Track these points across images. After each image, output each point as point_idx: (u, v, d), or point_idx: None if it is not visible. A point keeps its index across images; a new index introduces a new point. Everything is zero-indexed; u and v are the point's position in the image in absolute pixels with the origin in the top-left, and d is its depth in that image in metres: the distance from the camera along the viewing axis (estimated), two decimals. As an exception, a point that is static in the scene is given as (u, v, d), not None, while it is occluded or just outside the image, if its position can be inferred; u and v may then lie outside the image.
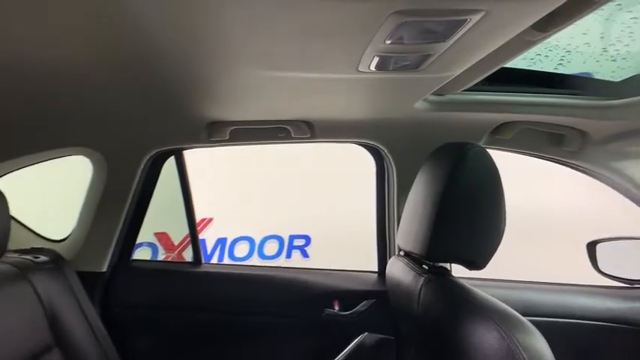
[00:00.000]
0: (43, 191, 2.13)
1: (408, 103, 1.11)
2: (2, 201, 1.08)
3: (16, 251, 1.30)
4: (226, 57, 0.81)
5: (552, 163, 1.46)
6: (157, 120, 1.24)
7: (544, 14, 0.62)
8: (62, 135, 1.29)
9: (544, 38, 0.72)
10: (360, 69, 0.80)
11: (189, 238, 2.66)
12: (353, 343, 1.48)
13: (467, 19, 0.60)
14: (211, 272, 1.55)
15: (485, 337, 0.74)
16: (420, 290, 0.94)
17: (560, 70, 1.11)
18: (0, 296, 1.08)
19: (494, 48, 0.71)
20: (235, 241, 3.02)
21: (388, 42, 0.68)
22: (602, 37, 1.10)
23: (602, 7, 0.63)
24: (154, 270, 1.58)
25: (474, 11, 0.59)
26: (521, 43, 0.73)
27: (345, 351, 1.47)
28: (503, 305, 0.79)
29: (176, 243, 2.83)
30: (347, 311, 1.48)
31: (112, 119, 1.23)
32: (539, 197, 2.70)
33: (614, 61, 1.13)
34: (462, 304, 0.82)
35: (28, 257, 1.26)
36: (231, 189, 2.91)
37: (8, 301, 1.09)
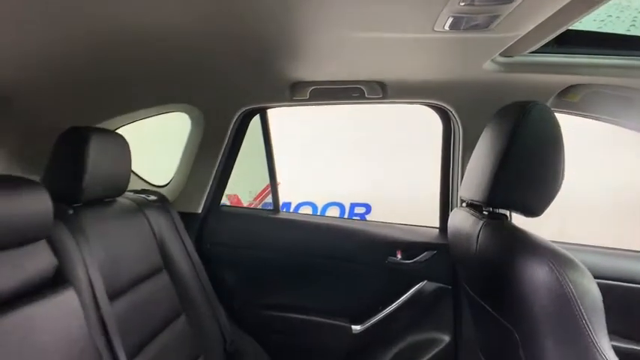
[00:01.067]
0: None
1: (476, 64, 1.19)
2: (126, 147, 1.32)
3: (130, 191, 1.57)
4: (313, 18, 0.94)
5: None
6: (248, 80, 1.42)
7: None
8: (170, 93, 1.51)
9: None
10: (435, 29, 0.91)
11: (256, 201, 2.89)
12: (412, 289, 1.62)
13: None
14: (287, 219, 1.75)
15: (537, 271, 0.83)
16: (479, 233, 1.05)
17: (633, 32, 1.12)
18: (124, 224, 1.33)
19: (561, 6, 0.79)
20: (299, 205, 3.24)
21: (462, 4, 0.78)
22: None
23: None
24: (239, 214, 1.81)
25: None
26: (588, 2, 0.80)
27: (404, 296, 1.62)
28: (557, 246, 0.87)
29: (245, 204, 3.10)
30: (409, 260, 1.61)
31: (210, 80, 1.42)
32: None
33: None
34: (517, 244, 0.91)
35: (142, 196, 1.52)
36: (296, 155, 3.09)
37: (130, 229, 1.34)
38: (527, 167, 0.95)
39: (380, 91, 1.41)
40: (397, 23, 0.92)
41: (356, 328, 1.63)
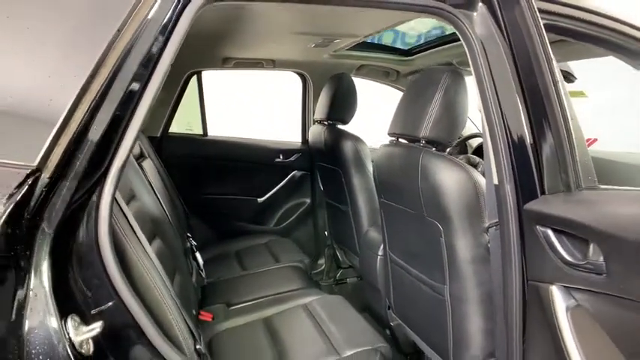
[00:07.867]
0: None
1: (321, 55, 2.49)
2: None
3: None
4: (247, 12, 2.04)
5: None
6: (196, 54, 2.43)
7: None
8: None
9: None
10: (307, 46, 2.15)
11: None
12: (289, 176, 2.91)
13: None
14: (213, 139, 2.83)
15: (346, 144, 2.19)
16: (324, 132, 2.38)
17: (389, 43, 2.58)
18: None
19: (357, 38, 2.11)
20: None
21: (319, 41, 2.04)
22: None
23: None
24: (181, 137, 2.82)
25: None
26: (361, 35, 2.13)
27: (285, 180, 2.91)
28: (357, 135, 2.24)
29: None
30: (286, 160, 2.89)
31: None
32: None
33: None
34: (341, 134, 2.25)
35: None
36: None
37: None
38: (338, 100, 2.27)
39: (272, 64, 2.61)
40: (289, 42, 2.13)
41: (260, 199, 2.87)
